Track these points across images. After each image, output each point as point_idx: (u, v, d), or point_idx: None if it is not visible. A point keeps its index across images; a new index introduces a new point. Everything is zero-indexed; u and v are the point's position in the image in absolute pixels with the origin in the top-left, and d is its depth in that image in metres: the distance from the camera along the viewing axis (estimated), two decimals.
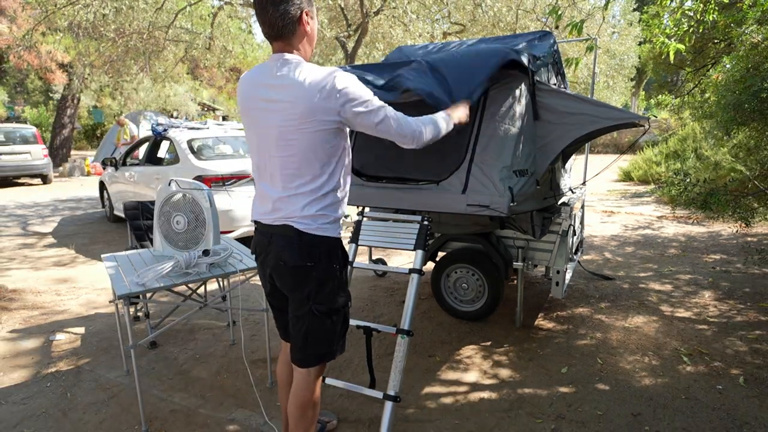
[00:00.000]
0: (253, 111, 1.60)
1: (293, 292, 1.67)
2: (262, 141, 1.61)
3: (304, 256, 1.60)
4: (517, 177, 2.54)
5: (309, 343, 1.69)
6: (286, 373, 1.96)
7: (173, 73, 10.09)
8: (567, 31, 3.56)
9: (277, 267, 1.65)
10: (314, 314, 1.65)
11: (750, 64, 3.54)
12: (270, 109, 1.55)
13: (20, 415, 2.39)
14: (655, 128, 15.47)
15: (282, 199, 1.61)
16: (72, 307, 3.88)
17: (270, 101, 1.55)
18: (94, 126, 24.92)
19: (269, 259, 1.67)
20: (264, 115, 1.57)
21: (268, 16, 1.51)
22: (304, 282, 1.63)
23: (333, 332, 1.71)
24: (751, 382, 2.56)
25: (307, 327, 1.67)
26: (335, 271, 1.67)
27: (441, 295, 3.49)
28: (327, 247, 1.64)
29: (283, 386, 1.97)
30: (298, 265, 1.61)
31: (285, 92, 1.52)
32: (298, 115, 1.51)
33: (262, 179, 1.67)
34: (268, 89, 1.55)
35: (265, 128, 1.58)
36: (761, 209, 3.77)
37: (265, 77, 1.58)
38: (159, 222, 2.63)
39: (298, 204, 1.59)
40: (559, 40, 3.61)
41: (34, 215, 8.00)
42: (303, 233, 1.59)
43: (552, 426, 2.24)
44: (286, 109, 1.52)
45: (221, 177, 5.05)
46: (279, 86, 1.53)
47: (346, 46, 9.28)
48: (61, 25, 7.72)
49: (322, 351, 1.71)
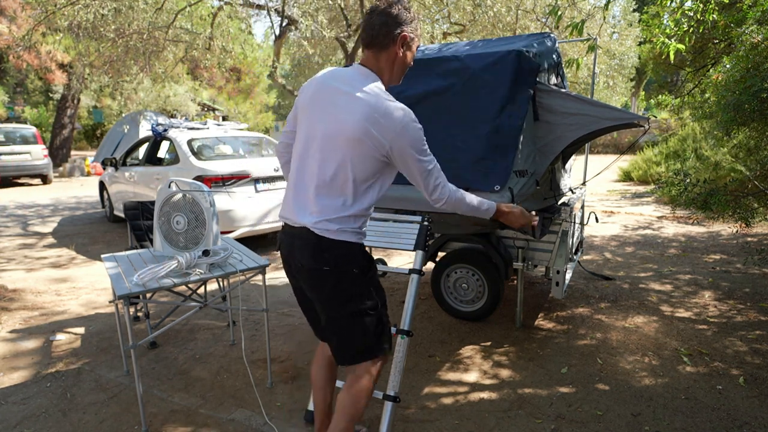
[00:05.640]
0: (313, 108, 1.60)
1: (313, 293, 1.68)
2: (309, 141, 1.61)
3: (319, 260, 1.60)
4: (517, 177, 2.54)
5: (342, 345, 1.70)
6: (319, 374, 1.97)
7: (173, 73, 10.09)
8: (567, 32, 3.56)
9: (299, 269, 1.66)
10: (337, 317, 1.65)
11: (750, 64, 3.54)
12: (328, 111, 1.56)
13: (20, 415, 2.39)
14: (655, 128, 15.47)
15: (310, 202, 1.61)
16: (72, 307, 3.88)
17: (333, 105, 1.56)
18: (94, 126, 24.94)
19: (294, 260, 1.68)
20: (320, 116, 1.58)
21: (372, 19, 1.56)
22: (322, 285, 1.63)
23: (364, 333, 1.68)
24: (751, 382, 2.56)
25: (333, 329, 1.68)
26: (354, 275, 1.65)
27: (441, 295, 3.49)
28: (345, 251, 1.62)
29: (317, 388, 1.98)
30: (314, 268, 1.61)
31: (350, 103, 1.52)
32: (350, 130, 1.51)
33: (297, 179, 1.66)
34: (336, 93, 1.56)
35: (314, 129, 1.59)
36: (761, 209, 3.77)
37: (337, 81, 1.59)
38: (159, 222, 2.63)
39: (324, 212, 1.58)
40: (559, 40, 3.61)
41: (34, 215, 8.00)
42: (322, 238, 1.59)
43: (552, 426, 2.24)
44: (343, 120, 1.53)
45: (221, 177, 5.05)
46: (347, 94, 1.54)
47: (346, 46, 9.28)
48: (61, 25, 7.71)
49: (358, 350, 1.70)
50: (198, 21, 8.93)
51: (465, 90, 2.72)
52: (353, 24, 9.37)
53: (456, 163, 2.61)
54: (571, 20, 3.55)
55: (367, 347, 1.71)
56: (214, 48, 8.92)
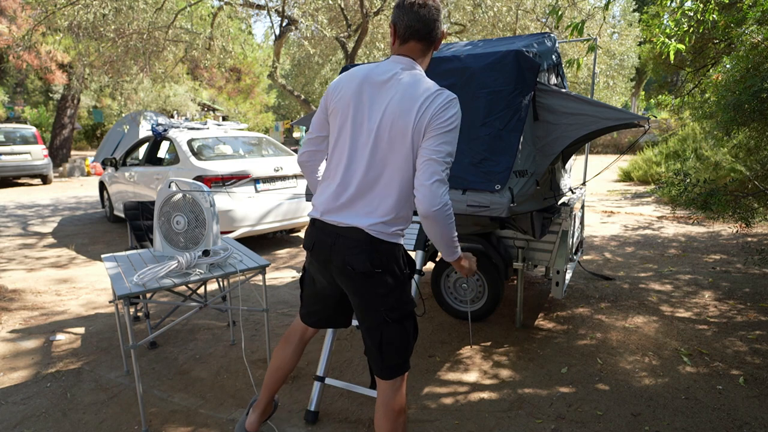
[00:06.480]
0: (355, 104, 1.57)
1: (358, 297, 1.63)
2: (355, 136, 1.58)
3: (375, 262, 1.56)
4: (517, 178, 2.54)
5: (386, 353, 1.64)
6: (287, 354, 1.94)
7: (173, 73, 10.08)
8: (567, 32, 3.56)
9: (344, 271, 1.60)
10: (388, 322, 1.61)
11: (750, 65, 3.54)
12: (378, 106, 1.54)
13: (20, 415, 2.39)
14: (655, 128, 15.47)
15: (362, 202, 1.57)
16: (72, 307, 3.88)
17: (382, 99, 1.53)
18: (94, 126, 24.94)
19: (334, 262, 1.62)
20: (369, 113, 1.55)
21: (424, 12, 1.53)
22: (374, 288, 1.59)
23: (407, 339, 1.66)
24: (751, 382, 2.56)
25: (381, 335, 1.63)
26: (404, 277, 1.64)
27: (441, 295, 3.49)
28: (396, 253, 1.61)
29: (277, 368, 1.95)
30: (367, 271, 1.56)
31: (397, 96, 1.50)
32: (401, 125, 1.49)
33: (340, 172, 1.61)
34: (380, 87, 1.54)
35: (360, 125, 1.57)
36: (761, 209, 3.77)
37: (380, 74, 1.56)
38: (159, 222, 2.63)
39: (378, 214, 1.56)
40: (559, 40, 3.61)
41: (34, 215, 8.00)
42: (375, 239, 1.55)
43: (552, 426, 2.24)
44: (397, 112, 1.50)
45: (221, 177, 5.05)
46: (391, 87, 1.53)
47: (346, 46, 9.27)
48: (61, 25, 7.71)
49: (402, 359, 1.66)
50: (198, 21, 8.92)
51: (465, 90, 2.72)
52: (353, 24, 9.37)
53: (456, 164, 2.61)
54: (571, 20, 3.55)
55: (407, 355, 1.68)
56: (214, 48, 8.92)
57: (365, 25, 8.53)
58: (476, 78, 2.70)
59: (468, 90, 2.71)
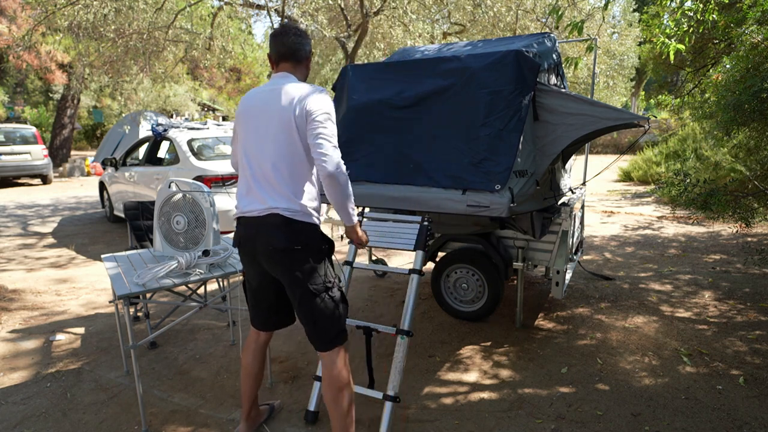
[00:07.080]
0: (253, 115, 1.87)
1: (287, 276, 1.83)
2: (257, 140, 1.85)
3: (292, 240, 1.80)
4: (517, 178, 2.54)
5: (319, 325, 1.84)
6: (249, 361, 2.08)
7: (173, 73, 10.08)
8: (567, 32, 3.56)
9: (268, 252, 1.82)
10: (314, 293, 1.82)
11: (750, 65, 3.54)
12: (267, 111, 1.84)
13: (20, 415, 2.39)
14: (655, 128, 15.47)
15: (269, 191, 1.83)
16: (72, 307, 3.88)
17: (267, 106, 1.83)
18: (94, 126, 24.92)
19: (259, 245, 1.83)
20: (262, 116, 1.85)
21: (288, 39, 1.88)
22: (298, 264, 1.81)
23: (337, 308, 1.88)
24: (751, 382, 2.56)
25: (312, 309, 1.83)
26: (323, 252, 1.88)
27: (441, 295, 3.49)
28: (311, 230, 1.85)
29: (249, 375, 2.09)
30: (286, 247, 1.79)
31: (279, 99, 1.80)
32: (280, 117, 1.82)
33: (250, 176, 1.87)
34: (268, 95, 1.84)
35: (261, 129, 1.84)
36: (761, 209, 3.77)
37: (265, 90, 1.87)
38: (159, 222, 2.63)
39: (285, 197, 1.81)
40: (559, 40, 3.61)
41: (34, 215, 8.00)
42: (289, 219, 1.80)
43: (552, 426, 2.24)
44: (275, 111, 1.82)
45: (221, 177, 5.05)
46: (277, 93, 1.82)
47: (346, 46, 9.27)
48: (61, 25, 7.70)
49: (336, 329, 1.88)
50: (198, 21, 8.92)
51: (465, 90, 2.72)
52: (353, 24, 9.37)
53: (456, 164, 2.61)
54: (571, 20, 3.55)
55: (341, 326, 1.89)
56: (214, 48, 8.92)
57: (365, 25, 8.53)
58: (476, 78, 2.70)
59: (468, 90, 2.71)
